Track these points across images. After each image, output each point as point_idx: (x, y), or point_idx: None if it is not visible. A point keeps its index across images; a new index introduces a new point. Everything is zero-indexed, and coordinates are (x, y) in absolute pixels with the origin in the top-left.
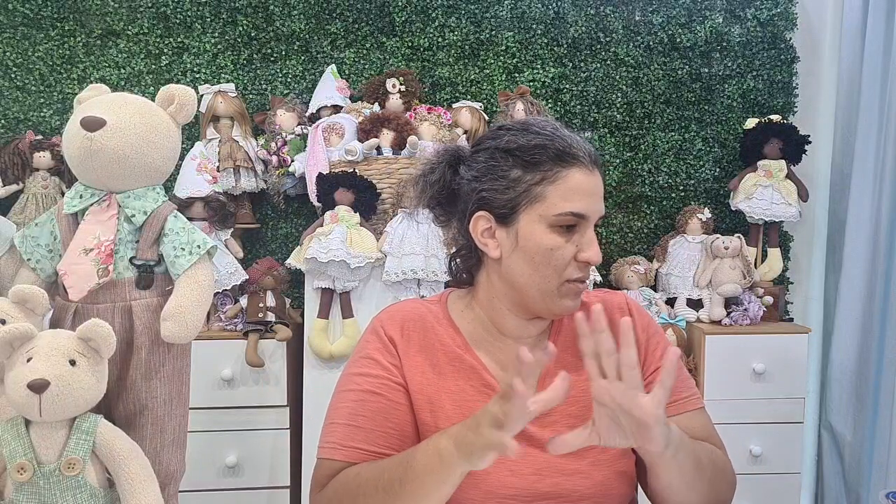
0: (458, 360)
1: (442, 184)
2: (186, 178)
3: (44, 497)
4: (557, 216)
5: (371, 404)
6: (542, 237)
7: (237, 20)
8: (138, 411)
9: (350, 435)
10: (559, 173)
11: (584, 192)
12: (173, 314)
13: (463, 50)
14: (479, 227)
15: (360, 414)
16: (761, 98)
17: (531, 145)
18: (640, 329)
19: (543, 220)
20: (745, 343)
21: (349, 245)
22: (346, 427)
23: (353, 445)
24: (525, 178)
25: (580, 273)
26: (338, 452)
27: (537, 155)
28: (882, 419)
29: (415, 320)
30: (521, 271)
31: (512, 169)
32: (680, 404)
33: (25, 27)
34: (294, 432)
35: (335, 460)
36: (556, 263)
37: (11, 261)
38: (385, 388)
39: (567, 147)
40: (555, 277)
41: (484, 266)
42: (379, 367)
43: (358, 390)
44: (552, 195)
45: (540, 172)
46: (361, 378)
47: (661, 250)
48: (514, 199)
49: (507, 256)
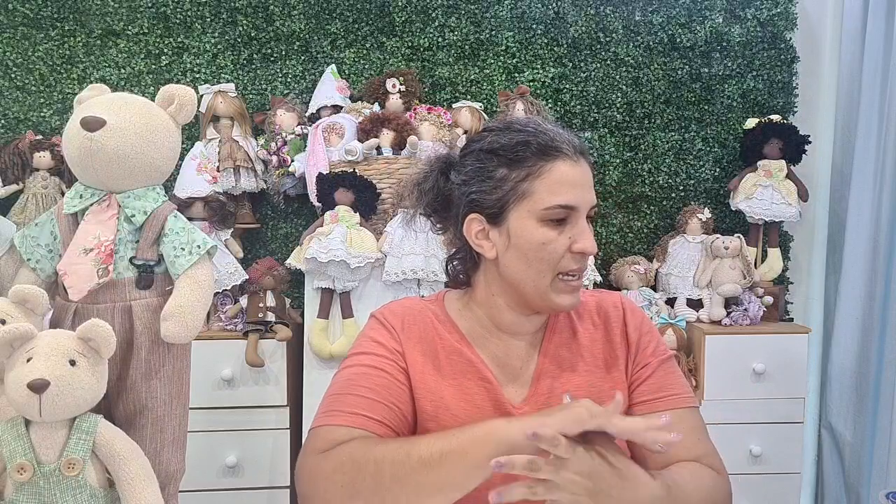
0: (457, 354)
1: (436, 191)
2: (186, 178)
3: (44, 497)
4: (546, 210)
5: (375, 378)
6: (533, 232)
7: (237, 20)
8: (138, 411)
9: (353, 402)
10: (543, 167)
11: (570, 183)
12: (173, 314)
13: (463, 50)
14: (473, 229)
15: (364, 385)
16: (761, 98)
17: (513, 143)
18: (632, 328)
19: (533, 216)
20: (745, 343)
21: (349, 245)
22: (347, 396)
23: (355, 412)
24: (511, 176)
25: (576, 265)
26: (339, 418)
27: (520, 152)
28: (882, 419)
29: (415, 315)
30: (517, 268)
31: (497, 168)
32: (669, 400)
33: (25, 27)
34: (294, 432)
35: (336, 425)
36: (549, 257)
37: (11, 261)
38: (389, 367)
39: (549, 141)
40: (549, 271)
41: (481, 267)
42: (383, 349)
43: (360, 365)
44: (539, 190)
45: (525, 169)
46: (365, 356)
47: (661, 250)
48: (502, 199)
49: (502, 255)
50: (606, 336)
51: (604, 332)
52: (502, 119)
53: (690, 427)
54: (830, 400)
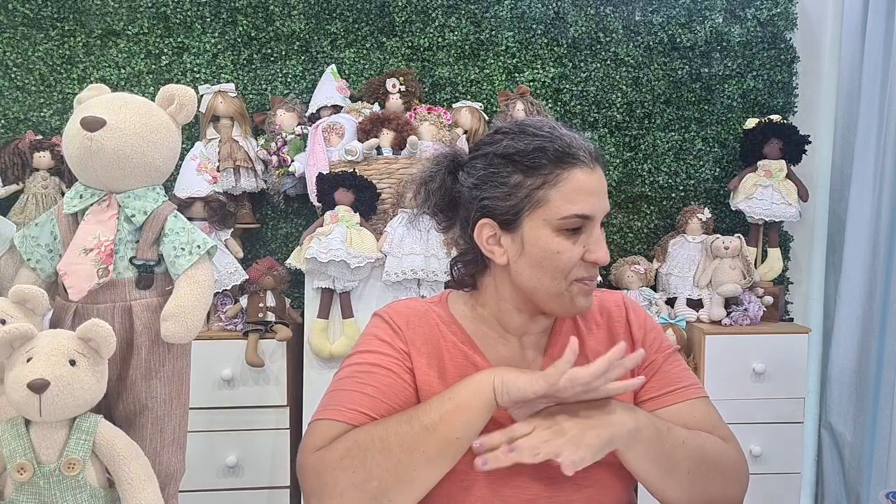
0: (462, 356)
1: (443, 191)
2: (186, 178)
3: (44, 497)
4: (562, 220)
5: (380, 377)
6: (548, 241)
7: (237, 20)
8: (138, 411)
9: (356, 400)
10: (560, 175)
11: (586, 191)
12: (173, 314)
13: (463, 50)
14: (484, 234)
15: (369, 384)
16: (761, 98)
17: (530, 149)
18: (635, 326)
19: (548, 224)
20: (745, 343)
21: (349, 245)
22: (352, 393)
23: (358, 409)
24: (526, 183)
25: (588, 273)
26: (341, 414)
27: (536, 158)
28: (882, 419)
29: (419, 316)
30: (530, 275)
31: (512, 175)
32: (679, 392)
33: (25, 27)
34: (294, 432)
35: (337, 421)
36: (563, 265)
37: (11, 261)
38: (395, 366)
39: (566, 147)
40: (563, 278)
41: (490, 271)
42: (389, 348)
43: (365, 363)
44: (555, 198)
45: (541, 176)
46: (370, 354)
47: (661, 250)
48: (516, 206)
49: (514, 262)
50: (610, 335)
51: (607, 331)
52: (514, 121)
53: (703, 414)
54: (830, 400)
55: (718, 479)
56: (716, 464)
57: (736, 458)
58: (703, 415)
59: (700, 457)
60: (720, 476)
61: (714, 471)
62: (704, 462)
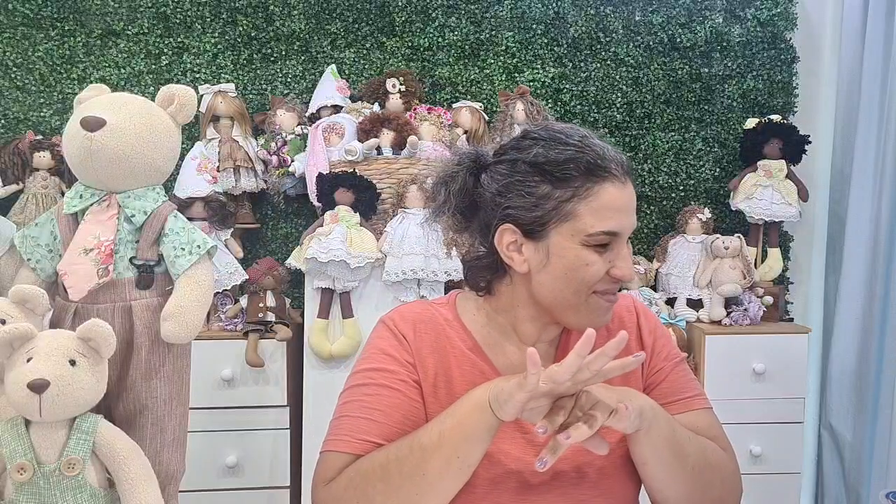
0: (469, 363)
1: (464, 193)
2: (186, 178)
3: (44, 497)
4: (590, 236)
5: (387, 399)
6: (575, 255)
7: (237, 20)
8: (138, 411)
9: (363, 428)
10: (591, 189)
11: (616, 208)
12: (173, 314)
13: (463, 50)
14: (505, 240)
15: (376, 408)
16: (761, 98)
17: (561, 159)
18: (646, 332)
19: (576, 239)
20: (745, 343)
21: (349, 245)
22: (358, 420)
23: (365, 438)
24: (554, 195)
25: (610, 286)
26: (348, 445)
27: (567, 170)
28: (882, 419)
29: (426, 322)
30: (552, 286)
31: (540, 185)
32: (685, 402)
33: (25, 27)
34: (294, 432)
35: (344, 453)
36: (589, 279)
37: (11, 261)
38: (402, 384)
39: (598, 159)
40: (586, 291)
41: (508, 277)
42: (395, 363)
43: (373, 384)
44: (584, 213)
45: (570, 189)
46: (376, 373)
47: (661, 250)
48: (542, 217)
49: (537, 272)
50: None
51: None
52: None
53: (707, 426)
54: (830, 400)
55: (717, 484)
56: (717, 469)
57: (734, 469)
58: (707, 426)
59: (704, 457)
60: (719, 482)
61: (715, 475)
62: (708, 464)
